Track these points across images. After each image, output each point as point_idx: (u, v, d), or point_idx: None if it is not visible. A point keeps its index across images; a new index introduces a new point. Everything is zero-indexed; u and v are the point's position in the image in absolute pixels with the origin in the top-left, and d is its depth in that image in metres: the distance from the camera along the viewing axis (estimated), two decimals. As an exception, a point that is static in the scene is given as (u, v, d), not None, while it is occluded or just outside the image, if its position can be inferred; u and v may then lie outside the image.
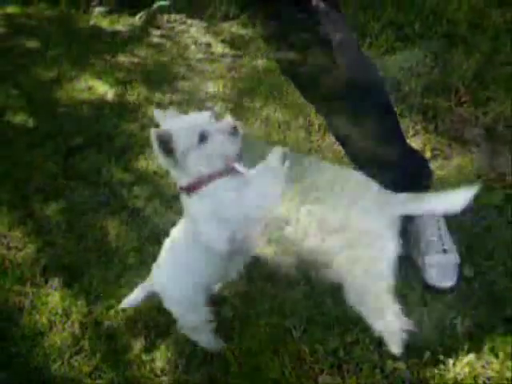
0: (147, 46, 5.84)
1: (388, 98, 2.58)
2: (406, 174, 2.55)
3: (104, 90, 4.81)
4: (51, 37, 6.22)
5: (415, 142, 3.67)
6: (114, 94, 4.73)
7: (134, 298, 2.41)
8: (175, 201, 3.29)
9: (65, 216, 3.22)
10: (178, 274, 2.27)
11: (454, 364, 2.20)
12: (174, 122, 2.08)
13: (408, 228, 2.68)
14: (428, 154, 3.45)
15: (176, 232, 2.36)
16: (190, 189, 2.09)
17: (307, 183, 2.28)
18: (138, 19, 6.66)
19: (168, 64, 5.37)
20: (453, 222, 2.71)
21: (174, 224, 3.05)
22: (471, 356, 2.22)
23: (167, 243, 2.38)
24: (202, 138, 2.01)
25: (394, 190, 2.16)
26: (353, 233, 2.14)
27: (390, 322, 2.17)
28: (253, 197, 2.05)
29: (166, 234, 2.97)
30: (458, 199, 2.00)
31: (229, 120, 2.12)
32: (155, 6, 6.72)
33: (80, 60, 5.48)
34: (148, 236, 3.02)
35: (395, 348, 2.22)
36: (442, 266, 2.55)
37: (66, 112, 4.44)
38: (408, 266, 2.57)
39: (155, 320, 2.50)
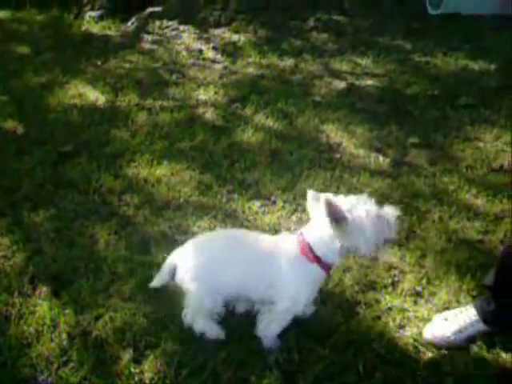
0: (139, 52, 5.82)
1: None
2: None
3: (95, 96, 4.79)
4: (42, 42, 6.19)
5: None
6: (105, 100, 4.70)
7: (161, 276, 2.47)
8: (165, 209, 3.28)
9: (53, 224, 3.18)
10: (219, 272, 2.31)
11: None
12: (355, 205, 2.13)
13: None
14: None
15: (251, 241, 2.38)
16: (319, 261, 2.20)
17: None
18: (129, 25, 6.64)
19: (159, 70, 5.35)
20: None
21: (163, 233, 3.06)
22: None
23: (232, 235, 2.44)
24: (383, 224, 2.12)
25: None
26: None
27: None
28: None
29: (156, 242, 2.98)
30: None
31: (394, 210, 2.16)
32: (147, 11, 6.71)
33: (71, 66, 5.46)
34: (137, 245, 2.99)
35: None
36: None
37: (56, 118, 4.41)
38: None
39: (144, 330, 2.47)
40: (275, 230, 3.04)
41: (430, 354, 2.38)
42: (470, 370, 2.29)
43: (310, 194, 2.20)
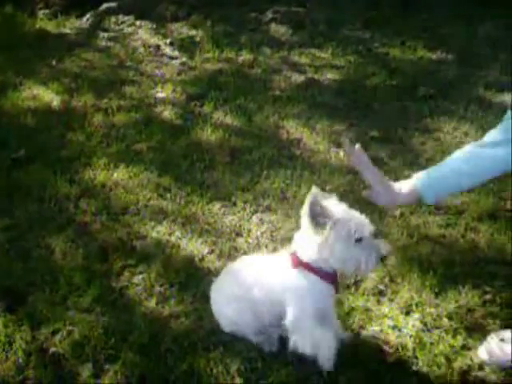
0: (94, 50, 5.69)
1: None
2: None
3: (50, 97, 4.67)
4: (-6, 42, 6.02)
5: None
6: (60, 101, 4.58)
7: None
8: (123, 214, 3.20)
9: (8, 235, 3.08)
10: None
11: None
12: (342, 210, 2.08)
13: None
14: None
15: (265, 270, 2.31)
16: (303, 265, 2.14)
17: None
18: (85, 21, 6.50)
19: (116, 68, 5.24)
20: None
21: (121, 240, 2.99)
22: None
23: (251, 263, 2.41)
24: (359, 239, 2.04)
25: None
26: None
27: None
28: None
29: (114, 250, 2.91)
30: None
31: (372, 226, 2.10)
32: (103, 7, 6.58)
33: (25, 66, 5.31)
34: (95, 253, 2.91)
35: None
36: None
37: (10, 122, 4.28)
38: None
39: (103, 343, 2.40)
40: (235, 233, 3.01)
41: (395, 355, 2.36)
42: None
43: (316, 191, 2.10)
